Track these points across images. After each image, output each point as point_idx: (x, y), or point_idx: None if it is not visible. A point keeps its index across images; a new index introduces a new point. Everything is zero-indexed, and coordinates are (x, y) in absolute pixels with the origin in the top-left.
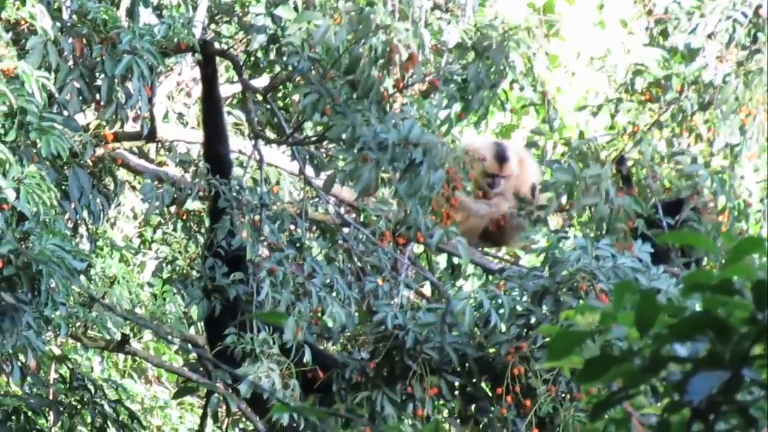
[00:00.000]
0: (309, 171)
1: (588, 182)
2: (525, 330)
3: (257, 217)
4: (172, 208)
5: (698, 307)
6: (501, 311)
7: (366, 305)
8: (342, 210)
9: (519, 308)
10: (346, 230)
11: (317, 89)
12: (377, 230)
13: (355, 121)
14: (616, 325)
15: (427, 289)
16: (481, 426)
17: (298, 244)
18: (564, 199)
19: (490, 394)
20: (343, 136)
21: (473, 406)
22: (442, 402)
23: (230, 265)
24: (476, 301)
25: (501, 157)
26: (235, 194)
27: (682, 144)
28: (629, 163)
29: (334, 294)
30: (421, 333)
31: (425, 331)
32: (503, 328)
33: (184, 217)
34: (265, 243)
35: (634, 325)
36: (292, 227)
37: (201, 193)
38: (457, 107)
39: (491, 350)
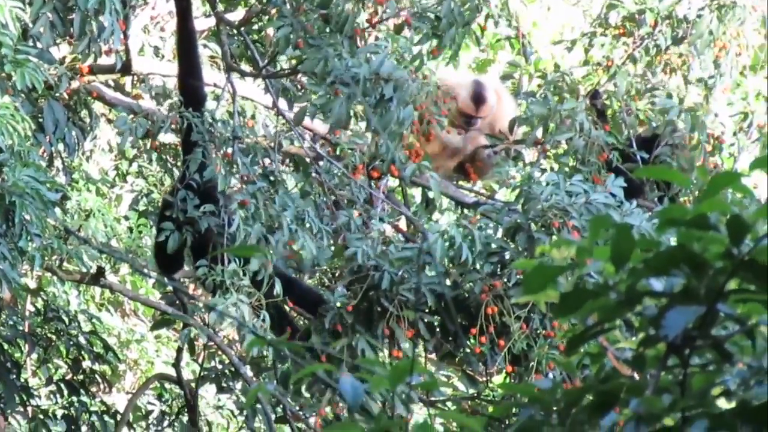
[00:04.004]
0: (283, 104)
1: (563, 115)
2: (499, 267)
3: (230, 150)
4: (148, 142)
5: (673, 242)
6: (473, 247)
7: (342, 239)
8: (317, 144)
9: (493, 245)
10: (320, 164)
11: (290, 22)
12: (350, 163)
13: (328, 54)
14: (591, 260)
15: (403, 224)
16: (458, 361)
17: (271, 178)
18: (539, 133)
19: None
20: (316, 69)
21: (450, 343)
22: (420, 342)
23: (202, 197)
24: (449, 236)
25: (477, 99)
26: (207, 127)
27: (657, 78)
28: (603, 97)
29: (306, 227)
30: (396, 274)
31: (401, 272)
32: (476, 264)
33: (159, 150)
34: (238, 176)
35: (610, 259)
36: (266, 161)
37: (174, 126)
38: (430, 44)
39: (465, 289)
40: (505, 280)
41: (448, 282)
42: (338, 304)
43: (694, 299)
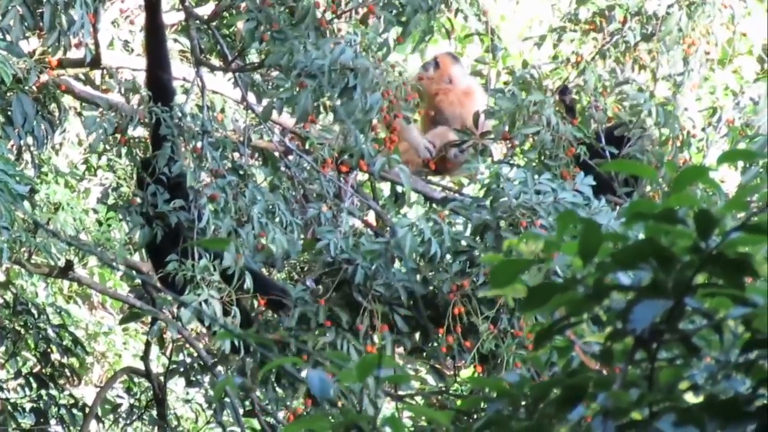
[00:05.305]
0: (252, 98)
1: (530, 110)
2: (467, 265)
3: (199, 144)
4: (118, 136)
5: (641, 236)
6: (442, 242)
7: (311, 233)
8: (286, 137)
9: (463, 242)
10: (290, 158)
11: (256, 16)
12: (319, 157)
13: (293, 47)
14: (559, 254)
15: (371, 218)
16: (425, 355)
17: (240, 171)
18: (507, 128)
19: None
20: (281, 62)
21: (419, 338)
22: (396, 336)
23: (172, 192)
24: (418, 230)
25: (449, 53)
26: (176, 121)
27: (626, 74)
28: (572, 93)
29: (276, 220)
30: (369, 268)
31: (374, 266)
32: (447, 258)
33: (128, 144)
34: (207, 170)
35: (578, 253)
36: (235, 155)
37: (142, 121)
38: (395, 32)
39: (435, 286)
40: (474, 279)
41: (418, 278)
42: (309, 298)
43: (661, 293)
